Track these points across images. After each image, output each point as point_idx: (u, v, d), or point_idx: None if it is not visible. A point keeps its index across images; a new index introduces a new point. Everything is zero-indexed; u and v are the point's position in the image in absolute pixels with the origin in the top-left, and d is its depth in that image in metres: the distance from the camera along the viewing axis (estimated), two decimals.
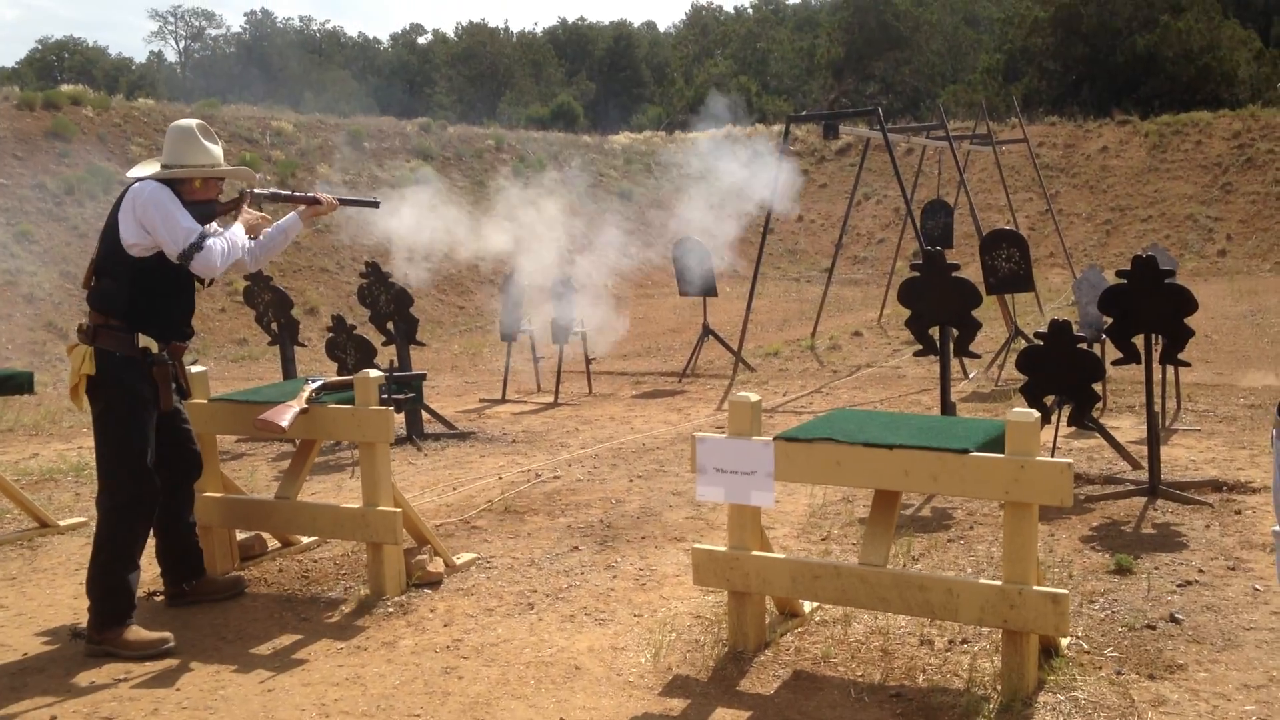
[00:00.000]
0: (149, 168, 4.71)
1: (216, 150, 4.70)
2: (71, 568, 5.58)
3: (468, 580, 5.14)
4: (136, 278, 4.44)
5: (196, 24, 71.36)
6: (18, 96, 19.73)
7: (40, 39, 75.83)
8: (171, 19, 71.07)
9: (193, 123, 4.69)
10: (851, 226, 17.67)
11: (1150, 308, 6.01)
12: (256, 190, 4.97)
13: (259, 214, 4.88)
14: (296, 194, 5.10)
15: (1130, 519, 5.76)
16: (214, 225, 4.58)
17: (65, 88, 22.13)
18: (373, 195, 5.69)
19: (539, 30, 68.75)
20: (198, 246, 4.39)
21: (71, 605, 4.97)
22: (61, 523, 6.33)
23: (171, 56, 71.19)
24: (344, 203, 5.30)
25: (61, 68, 68.14)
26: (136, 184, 4.48)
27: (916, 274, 6.69)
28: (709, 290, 11.91)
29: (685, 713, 3.72)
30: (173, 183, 4.54)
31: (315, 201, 5.05)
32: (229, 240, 4.56)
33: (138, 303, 4.46)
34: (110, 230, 4.47)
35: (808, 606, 4.49)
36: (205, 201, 4.63)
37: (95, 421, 4.50)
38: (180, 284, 4.60)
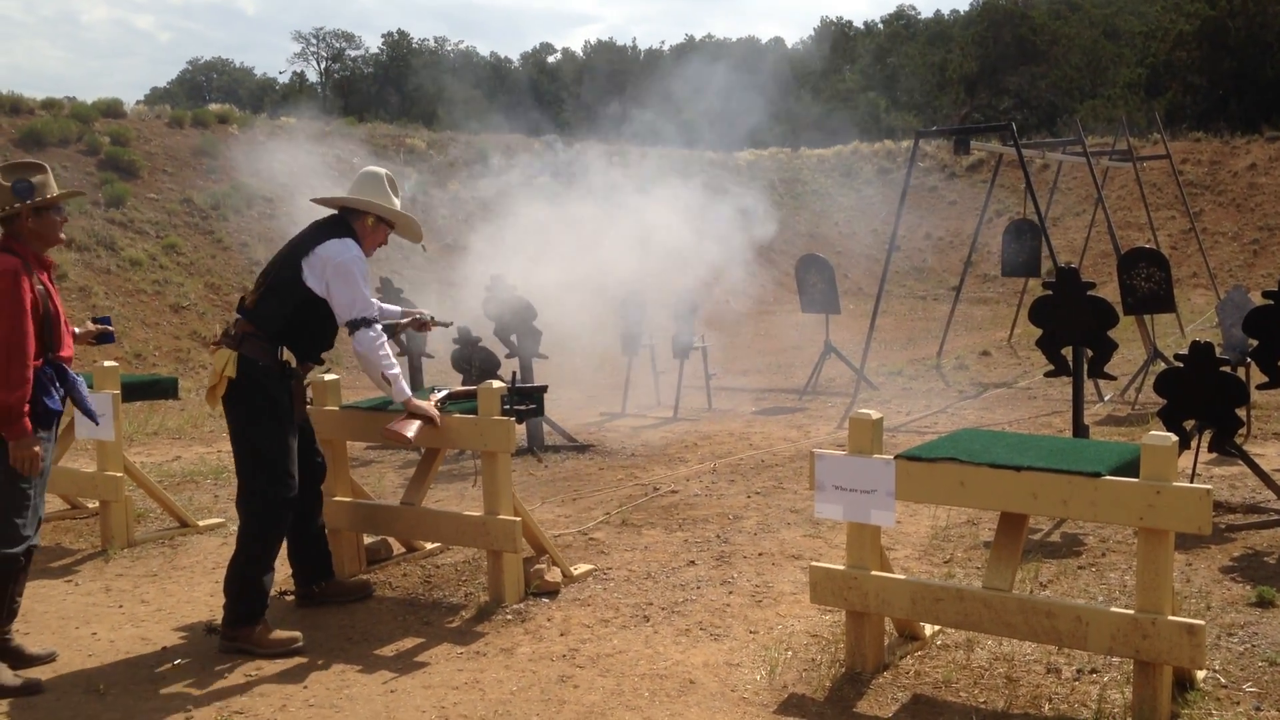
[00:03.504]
0: (333, 193, 4.96)
1: (396, 202, 4.90)
2: (209, 566, 5.81)
3: (584, 591, 5.18)
4: (302, 308, 4.62)
5: (337, 45, 73.82)
6: (169, 115, 20.76)
7: (191, 60, 79.54)
8: (314, 41, 73.61)
9: (383, 171, 4.91)
10: (982, 244, 17.29)
11: None
12: (439, 321, 5.54)
13: (425, 406, 4.93)
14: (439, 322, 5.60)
15: (1274, 550, 5.49)
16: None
17: (213, 106, 23.20)
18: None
19: (666, 48, 69.30)
20: (366, 323, 4.60)
21: (208, 602, 5.17)
22: (201, 523, 6.60)
23: (313, 77, 73.81)
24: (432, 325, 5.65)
25: (210, 87, 71.34)
26: (335, 242, 4.63)
27: (1049, 292, 6.51)
28: (832, 307, 11.78)
29: None
30: (349, 216, 4.77)
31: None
32: (386, 350, 4.70)
33: (295, 327, 4.64)
34: (293, 262, 4.63)
35: (928, 630, 4.40)
36: (371, 240, 4.83)
37: (235, 427, 4.66)
38: (333, 321, 4.77)
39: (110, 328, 5.19)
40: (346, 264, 4.59)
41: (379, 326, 4.69)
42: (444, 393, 5.19)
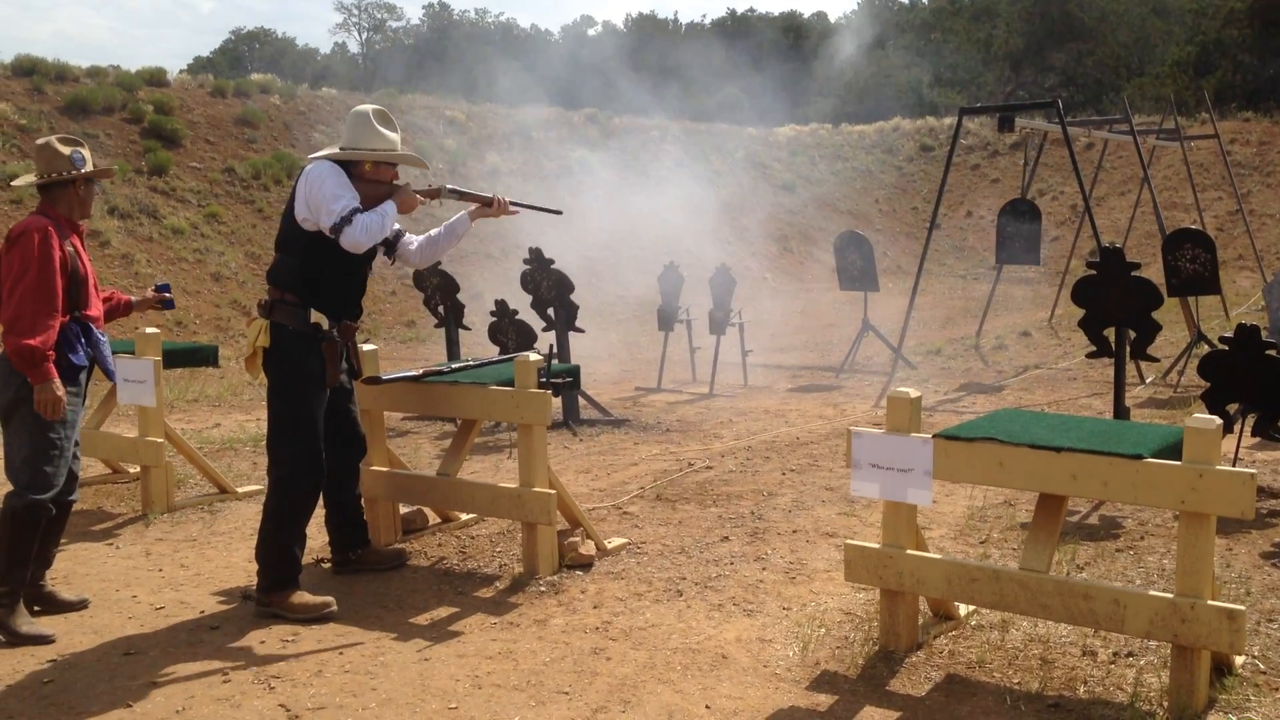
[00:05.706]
0: (328, 150, 4.91)
1: (393, 136, 4.80)
2: (247, 532, 5.87)
3: (618, 564, 5.19)
4: (310, 253, 4.60)
5: (378, 16, 73.89)
6: (211, 84, 20.88)
7: (234, 30, 79.82)
8: (355, 11, 73.72)
9: (369, 108, 4.82)
10: None
11: None
12: (450, 187, 5.09)
13: (420, 199, 4.94)
14: (477, 193, 5.20)
15: None
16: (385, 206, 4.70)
17: (255, 76, 23.29)
18: (553, 205, 5.71)
19: (708, 22, 68.86)
20: (347, 220, 4.47)
21: (246, 568, 5.23)
22: (239, 489, 6.67)
23: (354, 48, 73.96)
24: (521, 207, 5.33)
25: (252, 57, 71.61)
26: (312, 165, 4.67)
27: (1093, 272, 6.42)
28: (871, 285, 11.70)
29: (832, 709, 3.67)
30: (348, 164, 4.71)
31: (488, 203, 5.14)
32: (378, 216, 4.60)
33: (311, 278, 4.62)
34: (287, 207, 4.69)
35: (963, 610, 4.37)
36: (376, 183, 4.75)
37: (268, 394, 4.72)
38: (352, 262, 4.73)
39: (169, 295, 5.41)
40: (318, 172, 4.54)
41: (360, 215, 4.50)
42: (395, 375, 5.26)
